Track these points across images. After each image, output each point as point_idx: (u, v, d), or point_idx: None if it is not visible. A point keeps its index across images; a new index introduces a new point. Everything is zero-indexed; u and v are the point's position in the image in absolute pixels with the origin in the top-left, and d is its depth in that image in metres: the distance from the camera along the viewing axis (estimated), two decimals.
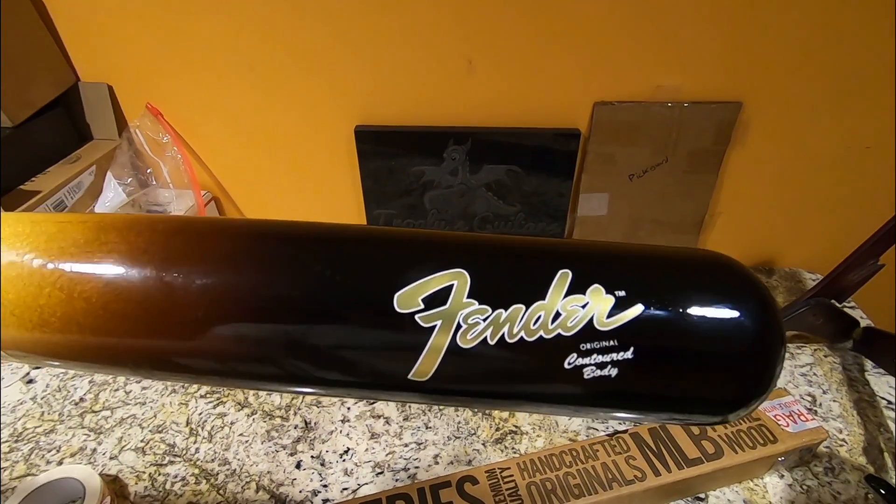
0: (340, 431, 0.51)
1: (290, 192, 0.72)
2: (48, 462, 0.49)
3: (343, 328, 0.14)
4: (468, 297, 0.14)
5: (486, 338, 0.14)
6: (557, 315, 0.14)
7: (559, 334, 0.14)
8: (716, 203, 0.66)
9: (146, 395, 0.55)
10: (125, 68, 0.64)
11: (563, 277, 0.14)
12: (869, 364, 0.56)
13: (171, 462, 0.49)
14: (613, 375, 0.14)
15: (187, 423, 0.52)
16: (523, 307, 0.14)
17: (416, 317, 0.14)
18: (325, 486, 0.46)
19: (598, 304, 0.14)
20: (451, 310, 0.14)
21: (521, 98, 0.60)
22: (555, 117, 0.61)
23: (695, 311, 0.14)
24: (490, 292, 0.14)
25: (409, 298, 0.14)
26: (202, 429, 0.52)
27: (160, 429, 0.52)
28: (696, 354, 0.14)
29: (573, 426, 0.51)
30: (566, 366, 0.14)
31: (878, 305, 0.62)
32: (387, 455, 0.49)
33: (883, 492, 0.43)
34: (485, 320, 0.14)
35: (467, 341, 0.14)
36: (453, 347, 0.14)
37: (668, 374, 0.14)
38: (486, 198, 0.66)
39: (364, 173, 0.65)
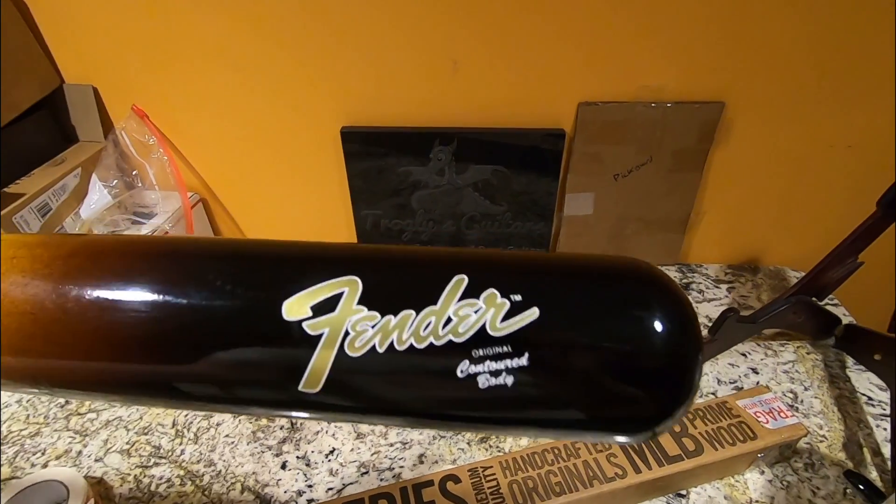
0: (326, 431, 0.51)
1: (277, 194, 0.72)
2: (33, 465, 0.49)
3: (231, 340, 0.14)
4: (358, 303, 0.14)
5: (374, 345, 0.14)
6: (449, 320, 0.13)
7: (450, 340, 0.13)
8: (701, 201, 0.66)
9: None
10: (110, 70, 0.63)
11: (459, 283, 0.14)
12: (850, 360, 0.57)
13: (157, 464, 0.49)
14: (509, 384, 0.13)
15: (173, 425, 0.52)
16: (413, 313, 0.14)
17: (304, 325, 0.14)
18: (310, 486, 0.47)
19: (491, 309, 0.13)
20: (340, 317, 0.14)
21: (506, 99, 0.60)
22: (540, 118, 0.61)
23: (601, 317, 0.13)
24: (381, 299, 0.14)
25: (297, 306, 0.14)
26: (188, 430, 0.52)
27: (146, 430, 0.52)
28: (602, 363, 0.13)
29: None
30: (459, 374, 0.13)
31: (860, 302, 0.63)
32: (372, 455, 0.49)
33: (862, 487, 0.44)
34: (373, 327, 0.14)
35: (355, 349, 0.14)
36: (341, 356, 0.14)
37: (571, 383, 0.14)
38: (473, 197, 0.66)
39: (351, 174, 0.66)
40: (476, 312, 0.13)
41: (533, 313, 0.13)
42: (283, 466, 0.48)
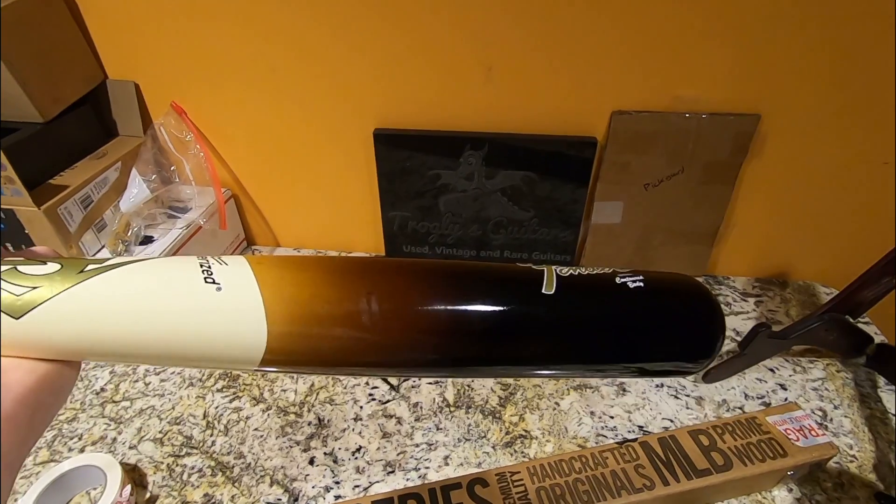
0: (353, 430, 0.52)
1: (307, 192, 0.73)
2: (70, 449, 0.50)
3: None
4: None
5: (572, 273, 0.25)
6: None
7: (612, 270, 0.26)
8: (731, 215, 0.66)
9: (164, 388, 0.56)
10: (152, 67, 0.65)
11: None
12: (882, 380, 0.56)
13: (189, 454, 0.50)
14: (643, 285, 0.25)
15: (204, 416, 0.53)
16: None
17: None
18: (337, 482, 0.47)
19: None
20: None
21: (539, 105, 0.60)
22: (572, 125, 0.61)
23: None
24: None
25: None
26: (218, 422, 0.53)
27: (178, 420, 0.53)
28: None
29: (582, 432, 0.51)
30: (617, 281, 0.25)
31: (893, 322, 0.62)
32: (398, 455, 0.50)
33: None
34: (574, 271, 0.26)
35: (565, 272, 0.25)
36: (559, 275, 0.25)
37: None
38: (500, 202, 0.67)
39: (381, 175, 0.66)
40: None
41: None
42: (311, 462, 0.49)
